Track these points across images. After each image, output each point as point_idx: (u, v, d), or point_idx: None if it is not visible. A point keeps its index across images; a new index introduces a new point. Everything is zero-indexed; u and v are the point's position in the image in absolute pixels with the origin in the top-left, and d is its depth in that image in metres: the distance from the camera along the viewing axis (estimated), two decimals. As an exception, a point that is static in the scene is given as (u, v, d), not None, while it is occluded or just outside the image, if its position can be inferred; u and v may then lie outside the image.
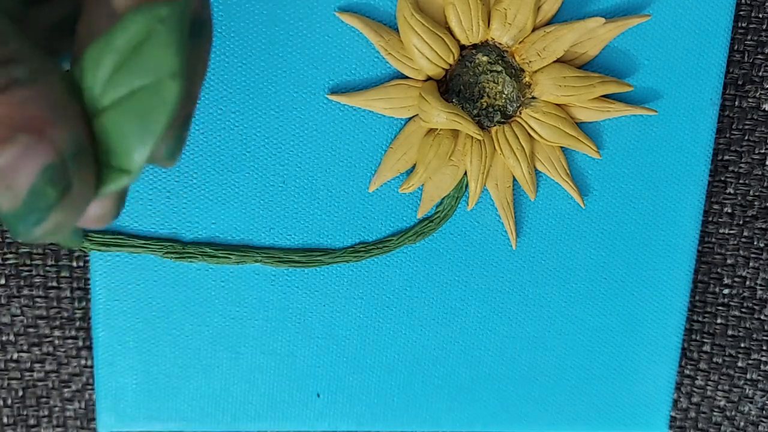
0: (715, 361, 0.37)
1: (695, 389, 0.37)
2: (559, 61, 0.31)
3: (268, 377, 0.33)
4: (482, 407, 0.34)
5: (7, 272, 0.33)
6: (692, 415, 0.37)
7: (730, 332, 0.36)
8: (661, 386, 0.35)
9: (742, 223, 0.35)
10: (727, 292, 0.36)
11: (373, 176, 0.31)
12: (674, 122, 0.32)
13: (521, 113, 0.31)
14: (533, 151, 0.31)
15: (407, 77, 0.30)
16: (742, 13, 0.33)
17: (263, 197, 0.31)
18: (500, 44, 0.30)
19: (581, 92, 0.30)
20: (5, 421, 0.35)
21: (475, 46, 0.30)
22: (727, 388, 0.37)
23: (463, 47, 0.30)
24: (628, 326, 0.34)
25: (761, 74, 0.34)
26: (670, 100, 0.32)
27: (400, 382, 0.34)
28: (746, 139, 0.34)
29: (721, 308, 0.36)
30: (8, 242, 0.33)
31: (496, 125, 0.31)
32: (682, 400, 0.37)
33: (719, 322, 0.36)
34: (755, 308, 0.36)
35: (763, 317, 0.36)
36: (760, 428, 0.37)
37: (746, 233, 0.35)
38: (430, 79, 0.30)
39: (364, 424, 0.34)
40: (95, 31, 0.17)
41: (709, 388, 0.37)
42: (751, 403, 0.37)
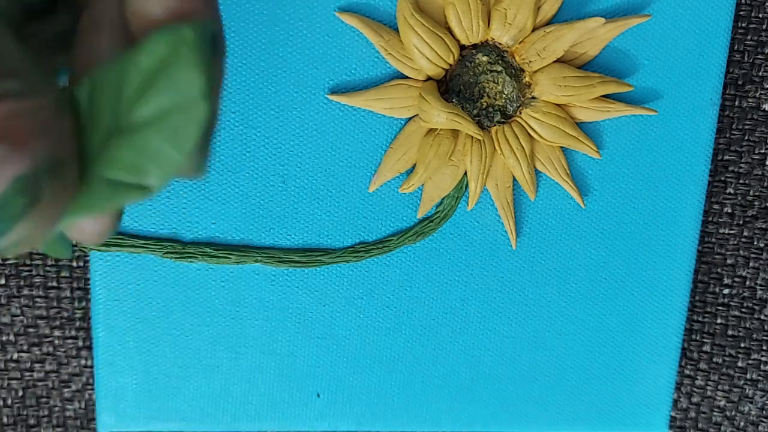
0: (715, 361, 0.37)
1: (695, 389, 0.37)
2: (559, 61, 0.31)
3: (268, 377, 0.33)
4: (482, 407, 0.34)
5: (7, 272, 0.33)
6: (692, 415, 0.37)
7: (730, 332, 0.36)
8: (661, 386, 0.35)
9: (742, 223, 0.35)
10: (727, 292, 0.36)
11: (373, 176, 0.31)
12: (674, 122, 0.32)
13: (521, 113, 0.31)
14: (533, 151, 0.31)
15: (407, 77, 0.30)
16: (742, 13, 0.33)
17: (263, 197, 0.31)
18: (500, 44, 0.30)
19: (581, 92, 0.30)
20: (5, 421, 0.35)
21: (475, 46, 0.30)
22: (727, 388, 0.37)
23: (463, 47, 0.30)
24: (628, 326, 0.34)
25: (761, 74, 0.34)
26: (670, 100, 0.32)
27: (400, 382, 0.34)
28: (746, 139, 0.34)
29: (721, 308, 0.36)
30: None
31: (496, 125, 0.31)
32: (682, 400, 0.37)
33: (719, 322, 0.36)
34: (755, 308, 0.36)
35: (763, 317, 0.36)
36: (760, 428, 0.37)
37: (746, 233, 0.35)
38: (430, 79, 0.30)
39: (364, 424, 0.34)
40: (96, 50, 0.17)
41: (709, 388, 0.37)
42: (751, 403, 0.37)
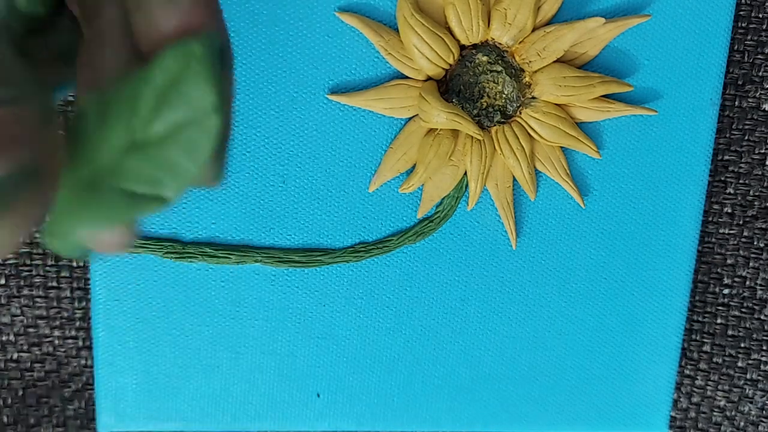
0: (715, 361, 0.37)
1: (695, 389, 0.37)
2: (559, 61, 0.31)
3: (268, 377, 0.33)
4: (482, 407, 0.34)
5: (7, 272, 0.33)
6: (692, 415, 0.37)
7: (730, 332, 0.36)
8: (661, 386, 0.35)
9: (742, 223, 0.35)
10: (727, 292, 0.36)
11: (373, 176, 0.31)
12: (674, 122, 0.32)
13: (521, 113, 0.31)
14: (533, 151, 0.31)
15: (407, 77, 0.30)
16: (742, 13, 0.33)
17: (263, 197, 0.31)
18: (500, 44, 0.30)
19: (581, 92, 0.30)
20: (5, 421, 0.35)
21: (475, 46, 0.30)
22: (727, 388, 0.37)
23: (463, 47, 0.30)
24: (628, 326, 0.34)
25: (761, 74, 0.34)
26: (670, 100, 0.32)
27: (400, 382, 0.34)
28: (746, 139, 0.34)
29: (721, 308, 0.36)
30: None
31: (496, 125, 0.31)
32: (682, 400, 0.37)
33: (719, 322, 0.36)
34: (755, 308, 0.36)
35: (763, 317, 0.36)
36: (760, 428, 0.37)
37: (746, 233, 0.35)
38: (430, 79, 0.30)
39: (364, 424, 0.34)
40: (101, 64, 0.18)
41: (709, 388, 0.37)
42: (751, 403, 0.37)
